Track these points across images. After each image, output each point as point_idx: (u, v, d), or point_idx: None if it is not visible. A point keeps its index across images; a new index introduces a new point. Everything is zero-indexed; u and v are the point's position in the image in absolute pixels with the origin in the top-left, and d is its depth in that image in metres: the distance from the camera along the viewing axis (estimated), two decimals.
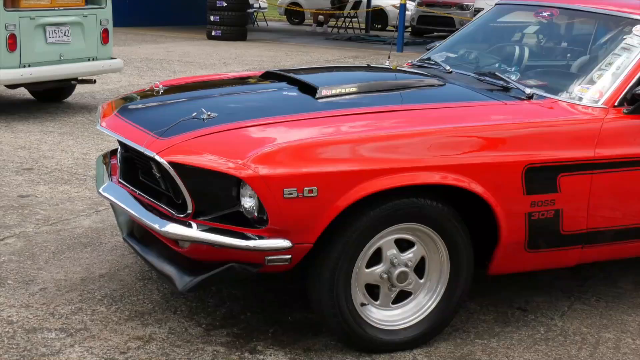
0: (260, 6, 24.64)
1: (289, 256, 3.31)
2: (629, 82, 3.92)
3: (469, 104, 3.90)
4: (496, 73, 4.31)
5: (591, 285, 4.52)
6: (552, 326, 3.99)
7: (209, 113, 3.58)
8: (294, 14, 26.73)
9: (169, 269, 3.51)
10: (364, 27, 23.94)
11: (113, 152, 4.37)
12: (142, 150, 3.52)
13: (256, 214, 3.28)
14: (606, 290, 4.47)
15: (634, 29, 4.17)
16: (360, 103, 3.85)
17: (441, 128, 3.59)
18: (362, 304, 3.54)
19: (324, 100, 3.86)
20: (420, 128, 3.56)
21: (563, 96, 4.01)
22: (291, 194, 3.20)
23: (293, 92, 4.10)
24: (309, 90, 3.98)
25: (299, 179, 3.21)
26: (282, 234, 3.26)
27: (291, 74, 4.36)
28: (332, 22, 23.90)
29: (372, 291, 3.58)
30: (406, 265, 3.56)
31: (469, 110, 3.83)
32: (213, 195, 3.38)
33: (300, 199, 3.22)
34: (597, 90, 3.95)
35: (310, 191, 3.23)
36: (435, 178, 3.45)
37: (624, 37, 4.18)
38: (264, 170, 3.19)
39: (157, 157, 3.38)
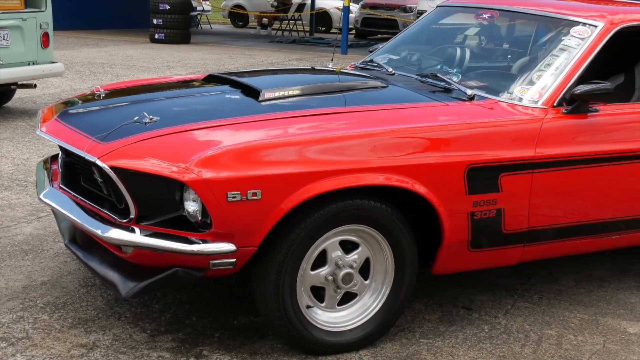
0: (203, 9, 24.52)
1: (234, 260, 3.30)
2: (568, 82, 3.99)
3: (412, 106, 3.92)
4: (438, 74, 4.34)
5: (533, 283, 4.59)
6: (496, 324, 4.04)
7: (150, 117, 3.56)
8: (237, 17, 26.66)
9: (112, 275, 3.47)
10: (308, 29, 23.99)
11: (54, 158, 4.31)
12: (83, 155, 3.48)
13: (200, 218, 3.26)
14: (548, 288, 4.54)
15: (571, 30, 4.24)
16: (303, 105, 3.85)
17: (384, 129, 3.60)
18: (308, 306, 3.55)
19: (267, 103, 3.85)
20: (363, 130, 3.57)
21: (504, 97, 4.06)
22: (235, 197, 3.19)
23: (236, 95, 4.09)
24: (252, 93, 3.97)
25: (243, 182, 3.20)
26: (227, 237, 3.25)
27: (234, 77, 4.34)
28: (276, 25, 23.90)
29: (318, 293, 3.59)
30: (351, 266, 3.57)
31: (412, 111, 3.86)
32: (156, 199, 3.36)
33: (244, 202, 3.21)
34: (536, 90, 4.01)
35: (254, 194, 3.22)
36: (379, 179, 3.47)
37: (563, 38, 4.25)
38: (207, 174, 3.17)
39: (99, 162, 3.34)
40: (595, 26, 4.19)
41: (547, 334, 3.96)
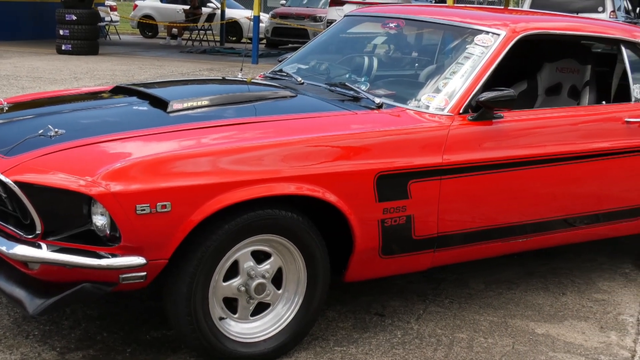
0: (112, 19, 24.16)
1: (144, 273, 3.25)
2: (473, 89, 4.07)
3: (321, 115, 3.94)
4: (346, 83, 4.37)
5: (444, 288, 4.66)
6: (408, 329, 4.08)
7: (56, 130, 3.48)
8: (147, 27, 26.33)
9: (18, 292, 3.37)
10: (219, 39, 23.88)
11: None
12: None
13: (108, 232, 3.21)
14: (459, 292, 4.61)
15: (475, 38, 4.33)
16: (213, 116, 3.83)
17: (295, 139, 3.60)
18: (221, 318, 3.52)
19: (175, 114, 3.82)
20: (274, 140, 3.57)
21: (411, 105, 4.11)
22: (144, 210, 3.15)
23: (144, 107, 4.04)
24: (160, 104, 3.93)
25: (152, 194, 3.16)
26: (136, 251, 3.20)
27: (142, 88, 4.29)
28: (186, 35, 23.71)
29: (231, 304, 3.56)
30: (263, 276, 3.56)
31: (321, 120, 3.87)
32: (63, 214, 3.28)
33: (153, 214, 3.17)
34: (443, 98, 4.07)
35: (164, 206, 3.18)
36: (290, 189, 3.47)
37: (467, 46, 4.33)
38: (115, 187, 3.12)
39: (2, 177, 3.26)
40: (498, 34, 4.28)
41: (458, 338, 4.02)
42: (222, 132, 3.61)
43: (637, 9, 17.43)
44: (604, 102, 4.85)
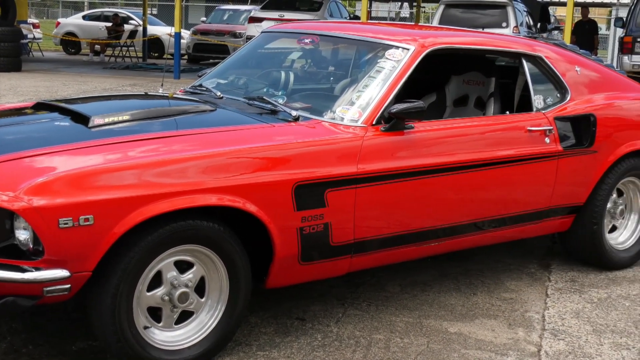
0: (35, 36, 23.68)
1: (68, 285, 3.19)
2: (385, 101, 4.11)
3: (240, 128, 3.93)
4: (264, 97, 4.37)
5: (362, 291, 4.69)
6: (328, 332, 4.09)
7: None
8: (70, 44, 25.90)
9: None
10: (141, 55, 23.63)
11: None
12: None
13: (32, 246, 3.14)
14: (376, 295, 4.65)
15: (387, 53, 4.38)
16: (134, 130, 3.79)
17: (215, 152, 3.59)
18: (145, 327, 3.48)
19: (97, 129, 3.76)
20: (194, 152, 3.55)
21: (326, 117, 4.14)
22: (67, 223, 3.10)
23: (66, 122, 3.97)
24: (82, 119, 3.87)
25: (74, 208, 3.11)
26: (60, 264, 3.14)
27: (63, 104, 4.21)
28: (109, 52, 23.38)
29: (155, 313, 3.52)
30: (186, 285, 3.53)
31: (240, 133, 3.86)
32: None
33: (76, 228, 3.12)
34: (356, 110, 4.10)
35: (86, 220, 3.13)
36: (212, 200, 3.46)
37: (379, 61, 4.38)
38: (37, 202, 3.06)
39: None
40: (408, 49, 4.35)
41: (376, 339, 4.05)
42: (143, 146, 3.58)
43: (539, 25, 17.88)
44: (507, 112, 4.96)
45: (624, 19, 15.70)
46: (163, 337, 3.54)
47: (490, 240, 4.77)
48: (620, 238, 5.37)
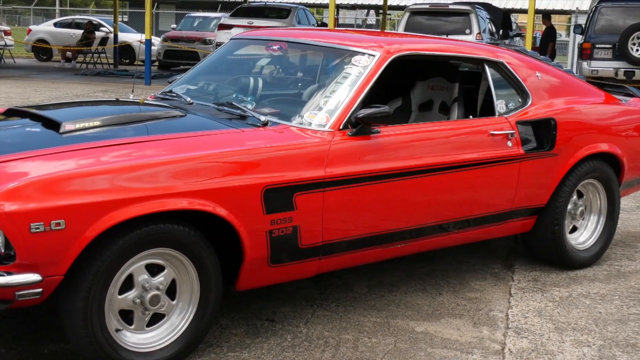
0: (6, 43, 23.41)
1: (40, 289, 3.17)
2: (351, 107, 4.13)
3: (210, 133, 3.92)
4: (233, 103, 4.36)
5: (331, 292, 4.70)
6: (297, 333, 4.10)
7: None
8: (41, 51, 25.67)
9: None
10: (113, 62, 23.49)
11: None
12: None
13: (3, 251, 3.12)
14: (344, 296, 4.66)
15: (353, 59, 4.40)
16: (105, 136, 3.77)
17: (185, 156, 3.58)
18: (117, 330, 3.46)
19: (68, 134, 3.74)
20: (165, 157, 3.54)
21: (295, 122, 4.14)
22: (38, 228, 3.08)
23: (37, 128, 3.94)
24: (53, 125, 3.84)
25: (45, 213, 3.09)
26: (32, 268, 3.12)
27: (35, 110, 4.18)
28: (80, 58, 23.21)
29: (127, 316, 3.51)
30: (158, 288, 3.52)
31: (210, 138, 3.85)
32: None
33: (47, 232, 3.10)
34: (324, 115, 4.11)
35: (58, 224, 3.12)
36: (182, 204, 3.46)
37: (346, 67, 4.39)
38: (9, 207, 3.04)
39: None
40: (374, 55, 4.37)
41: (344, 339, 4.06)
42: (114, 151, 3.56)
43: (501, 32, 18.03)
44: (471, 116, 5.00)
45: (583, 26, 15.89)
46: (135, 339, 3.52)
47: (455, 241, 4.80)
48: (580, 238, 5.43)
